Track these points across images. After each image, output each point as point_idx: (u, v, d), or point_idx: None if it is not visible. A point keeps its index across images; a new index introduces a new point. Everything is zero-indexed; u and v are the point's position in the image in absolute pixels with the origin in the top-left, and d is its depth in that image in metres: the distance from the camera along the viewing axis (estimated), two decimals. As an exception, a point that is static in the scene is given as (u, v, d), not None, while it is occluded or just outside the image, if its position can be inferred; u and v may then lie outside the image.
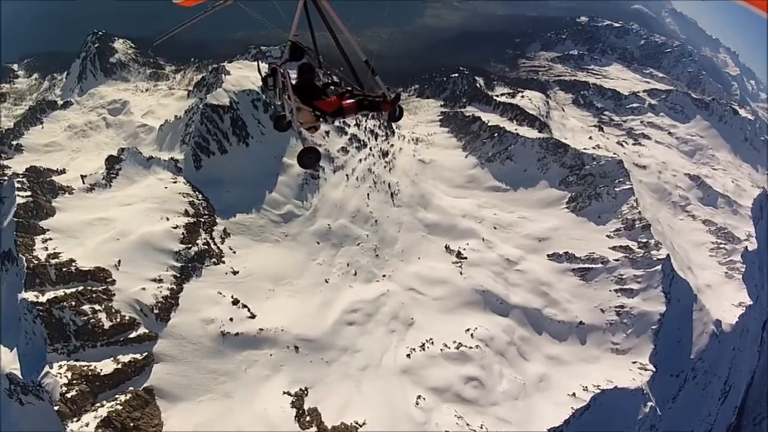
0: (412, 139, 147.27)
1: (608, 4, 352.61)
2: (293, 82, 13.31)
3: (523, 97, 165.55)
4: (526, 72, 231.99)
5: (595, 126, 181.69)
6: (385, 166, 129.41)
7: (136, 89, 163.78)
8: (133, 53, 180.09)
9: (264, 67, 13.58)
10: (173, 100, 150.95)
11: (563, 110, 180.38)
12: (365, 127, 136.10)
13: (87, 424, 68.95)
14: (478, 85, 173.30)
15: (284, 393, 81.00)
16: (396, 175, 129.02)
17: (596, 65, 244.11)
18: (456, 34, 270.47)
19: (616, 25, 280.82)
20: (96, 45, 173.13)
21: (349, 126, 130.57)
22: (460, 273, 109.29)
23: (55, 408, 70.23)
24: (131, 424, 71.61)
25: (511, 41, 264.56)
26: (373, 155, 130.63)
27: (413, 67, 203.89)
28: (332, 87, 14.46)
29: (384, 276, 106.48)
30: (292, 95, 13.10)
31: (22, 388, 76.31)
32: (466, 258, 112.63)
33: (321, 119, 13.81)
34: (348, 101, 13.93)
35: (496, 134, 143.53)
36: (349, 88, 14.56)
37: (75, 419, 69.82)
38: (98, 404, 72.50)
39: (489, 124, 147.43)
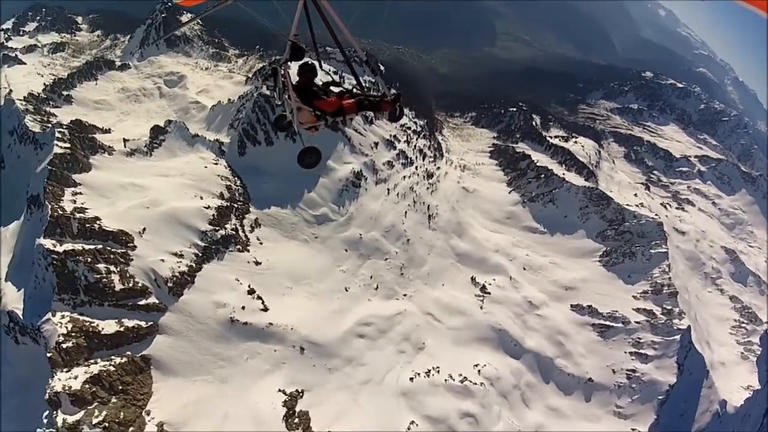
0: (460, 166, 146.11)
1: (674, 63, 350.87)
2: (293, 82, 13.62)
3: (576, 142, 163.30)
4: (584, 118, 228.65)
5: (642, 183, 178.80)
6: (427, 188, 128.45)
7: (196, 66, 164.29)
8: (199, 30, 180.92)
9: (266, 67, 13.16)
10: (230, 83, 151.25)
11: (614, 162, 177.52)
12: (415, 145, 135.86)
13: (76, 377, 69.69)
14: (534, 123, 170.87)
15: (279, 390, 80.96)
16: (437, 198, 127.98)
17: (653, 122, 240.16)
18: (523, 68, 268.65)
19: (679, 85, 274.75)
20: (163, 15, 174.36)
21: (399, 141, 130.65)
22: (481, 307, 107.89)
23: (48, 354, 71.10)
24: (120, 387, 72.14)
25: (575, 85, 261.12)
26: (418, 174, 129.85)
27: (474, 94, 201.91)
28: (332, 86, 14.81)
29: (405, 295, 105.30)
30: (292, 95, 13.40)
31: (20, 328, 77.84)
32: (489, 293, 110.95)
33: (321, 119, 14.14)
34: (348, 101, 14.27)
35: (543, 175, 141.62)
36: (348, 88, 14.99)
37: (65, 369, 70.51)
38: (92, 361, 73.12)
39: (538, 163, 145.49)
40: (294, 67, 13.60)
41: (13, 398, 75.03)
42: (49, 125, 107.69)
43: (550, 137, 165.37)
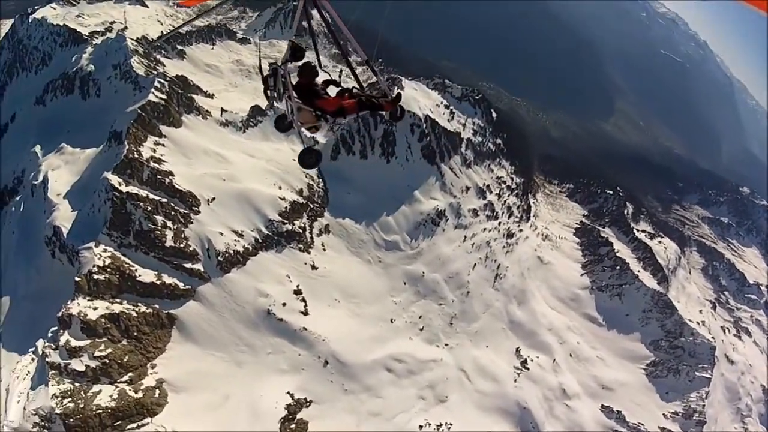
0: (542, 234, 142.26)
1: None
2: (294, 82, 13.47)
3: (660, 242, 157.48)
4: (674, 219, 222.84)
5: (710, 301, 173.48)
6: (504, 247, 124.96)
7: (315, 61, 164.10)
8: (326, 27, 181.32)
9: (265, 67, 13.55)
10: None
11: (690, 272, 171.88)
12: (505, 201, 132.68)
13: (95, 309, 71.70)
14: (626, 211, 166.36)
15: (288, 393, 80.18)
16: (510, 259, 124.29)
17: (738, 241, 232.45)
18: (630, 153, 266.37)
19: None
20: (295, 3, 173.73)
21: (490, 192, 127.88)
22: (515, 380, 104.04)
23: (77, 279, 72.83)
24: (135, 333, 73.48)
25: (675, 183, 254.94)
26: (499, 231, 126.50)
27: (577, 166, 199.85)
28: (332, 86, 14.68)
29: (446, 345, 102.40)
30: (293, 95, 13.25)
31: (61, 245, 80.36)
32: (528, 369, 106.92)
33: (322, 119, 13.90)
34: (348, 101, 14.14)
35: (618, 267, 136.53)
36: (349, 87, 14.72)
37: (87, 298, 72.39)
38: (117, 300, 74.81)
39: (617, 254, 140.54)
40: (294, 68, 13.61)
41: (28, 303, 78.05)
42: (154, 72, 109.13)
43: (637, 230, 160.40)
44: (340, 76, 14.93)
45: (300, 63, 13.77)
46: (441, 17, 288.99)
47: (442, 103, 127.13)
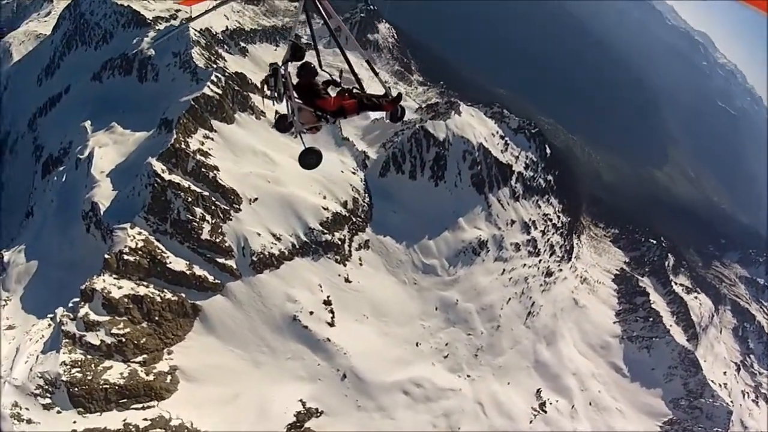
0: (581, 277, 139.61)
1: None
2: (294, 81, 13.52)
3: (696, 298, 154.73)
4: (713, 276, 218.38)
5: (735, 363, 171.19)
6: (541, 285, 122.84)
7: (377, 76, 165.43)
8: (392, 43, 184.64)
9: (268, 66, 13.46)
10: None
11: (721, 332, 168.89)
12: (548, 239, 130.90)
13: (120, 288, 72.85)
14: (667, 263, 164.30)
15: (299, 400, 79.69)
16: (545, 298, 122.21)
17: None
18: (678, 204, 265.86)
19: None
20: (362, 15, 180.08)
21: (535, 228, 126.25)
22: (530, 421, 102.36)
23: (106, 256, 73.99)
24: (156, 318, 74.54)
25: (718, 239, 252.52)
26: (539, 268, 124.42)
27: (625, 212, 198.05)
28: (332, 85, 14.36)
29: (468, 376, 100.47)
30: (293, 95, 13.35)
31: (96, 221, 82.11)
32: (546, 412, 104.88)
33: (322, 119, 13.85)
34: (349, 101, 13.86)
35: (651, 319, 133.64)
36: (349, 87, 14.50)
37: (114, 276, 73.56)
38: (144, 283, 75.89)
39: (652, 305, 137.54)
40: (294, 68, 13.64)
41: (55, 270, 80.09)
42: (214, 66, 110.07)
43: (676, 283, 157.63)
44: (340, 76, 14.81)
45: (300, 63, 13.76)
46: (506, 46, 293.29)
47: (497, 132, 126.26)
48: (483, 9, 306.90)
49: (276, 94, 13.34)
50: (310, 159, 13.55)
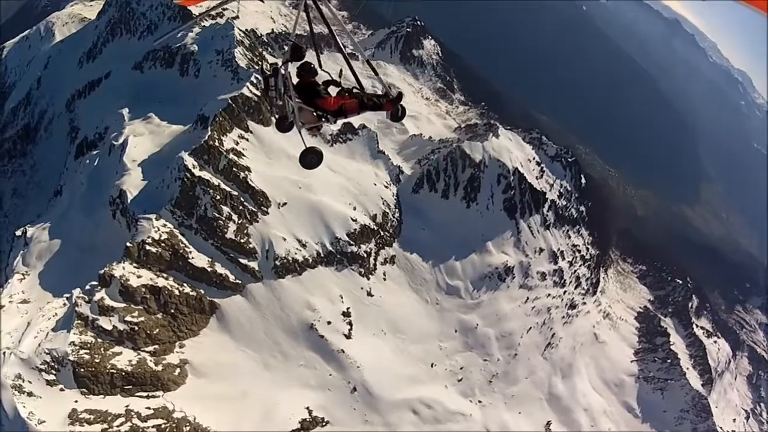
0: (604, 312, 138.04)
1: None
2: (294, 82, 13.66)
3: (715, 342, 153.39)
4: (734, 321, 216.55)
5: (745, 410, 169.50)
6: (563, 317, 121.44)
7: (419, 91, 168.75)
8: (436, 60, 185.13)
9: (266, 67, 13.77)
10: (441, 122, 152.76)
11: (735, 379, 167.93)
12: (575, 271, 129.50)
13: (139, 276, 73.58)
14: (690, 304, 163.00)
15: (306, 408, 79.59)
16: (566, 331, 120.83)
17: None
18: (707, 243, 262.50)
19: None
20: (408, 29, 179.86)
21: (563, 259, 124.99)
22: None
23: (128, 244, 74.81)
24: (172, 311, 75.07)
25: (743, 283, 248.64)
26: (563, 299, 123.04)
27: (653, 248, 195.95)
28: (333, 85, 14.65)
29: (479, 402, 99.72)
30: (293, 95, 13.42)
31: (123, 208, 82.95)
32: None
33: (323, 119, 13.93)
34: (349, 101, 14.01)
35: (669, 360, 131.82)
36: (349, 87, 14.64)
37: (134, 265, 74.15)
38: (163, 275, 76.52)
39: (672, 347, 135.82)
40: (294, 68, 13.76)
41: (77, 252, 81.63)
42: (256, 67, 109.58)
43: (697, 326, 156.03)
44: (340, 76, 15.01)
45: (300, 63, 13.87)
46: (553, 75, 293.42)
47: (534, 158, 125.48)
48: (533, 36, 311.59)
49: (276, 94, 13.48)
50: (310, 159, 13.63)
